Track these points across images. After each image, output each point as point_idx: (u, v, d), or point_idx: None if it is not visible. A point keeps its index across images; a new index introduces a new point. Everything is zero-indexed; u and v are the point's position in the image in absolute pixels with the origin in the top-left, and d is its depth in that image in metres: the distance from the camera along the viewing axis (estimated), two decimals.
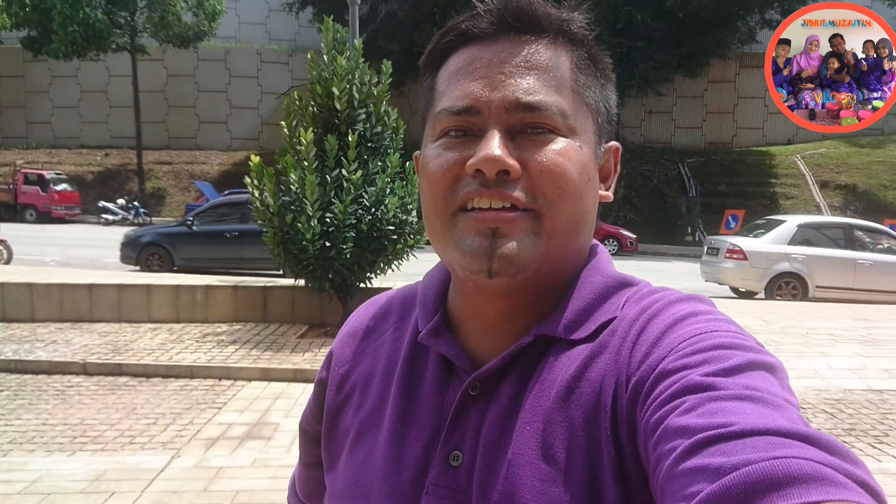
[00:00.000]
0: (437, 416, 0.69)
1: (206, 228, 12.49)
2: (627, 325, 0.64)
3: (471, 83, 0.66)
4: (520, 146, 0.64)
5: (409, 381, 0.73)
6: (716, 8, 26.01)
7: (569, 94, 0.67)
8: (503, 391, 0.66)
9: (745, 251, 11.54)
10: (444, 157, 0.67)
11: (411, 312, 0.78)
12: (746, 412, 0.47)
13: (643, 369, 0.58)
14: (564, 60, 0.68)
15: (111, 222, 24.18)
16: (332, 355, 0.82)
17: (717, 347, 0.55)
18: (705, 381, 0.51)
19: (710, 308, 0.65)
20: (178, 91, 32.33)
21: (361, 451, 0.72)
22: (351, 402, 0.77)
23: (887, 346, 7.33)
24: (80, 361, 6.17)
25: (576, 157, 0.65)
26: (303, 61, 31.15)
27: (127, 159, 30.36)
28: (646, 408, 0.55)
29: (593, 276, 0.70)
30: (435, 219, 0.68)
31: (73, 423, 4.89)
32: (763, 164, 30.05)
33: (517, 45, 0.66)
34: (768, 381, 0.53)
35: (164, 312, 7.87)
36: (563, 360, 0.65)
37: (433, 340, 0.72)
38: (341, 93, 6.96)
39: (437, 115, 0.68)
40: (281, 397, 5.56)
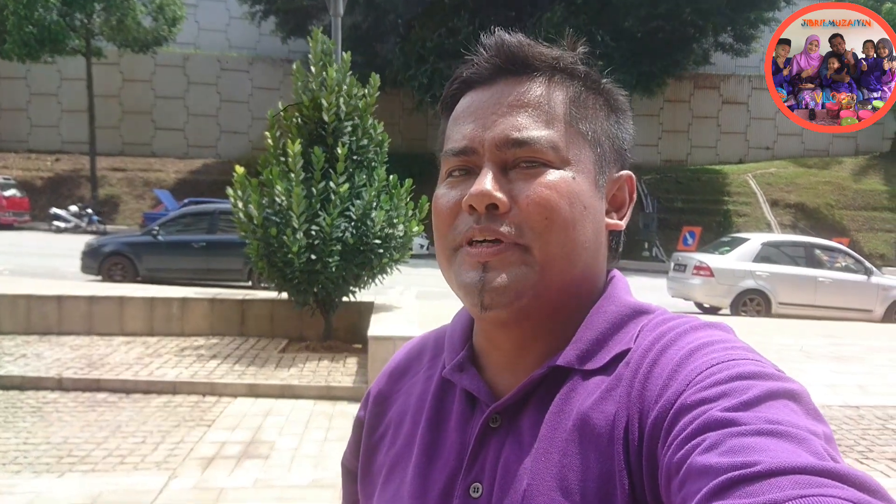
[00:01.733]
0: (460, 449, 0.69)
1: (173, 238, 12.18)
2: (640, 356, 0.64)
3: (468, 125, 0.70)
4: (512, 180, 0.67)
5: (436, 416, 0.74)
6: (672, 29, 26.74)
7: (561, 127, 0.69)
8: (521, 423, 0.67)
9: (711, 268, 11.81)
10: (448, 196, 0.70)
11: (443, 350, 0.80)
12: (770, 449, 0.46)
13: (662, 404, 0.58)
14: (558, 95, 0.70)
15: (63, 230, 23.41)
16: (370, 395, 0.85)
17: (735, 378, 0.55)
18: (726, 416, 0.51)
19: (727, 336, 0.64)
20: (133, 96, 31.58)
21: (392, 486, 0.74)
22: (385, 439, 0.79)
23: (857, 363, 7.58)
24: (56, 377, 5.92)
25: (565, 187, 0.67)
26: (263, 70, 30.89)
27: (79, 165, 29.47)
28: (667, 445, 0.54)
29: (607, 305, 0.71)
30: (442, 255, 0.71)
31: (56, 441, 4.68)
32: (717, 182, 30.90)
33: (511, 86, 0.70)
34: (790, 410, 0.52)
35: (137, 325, 7.63)
36: (580, 391, 0.65)
37: (457, 376, 0.73)
38: (330, 105, 6.89)
39: (443, 156, 0.72)
40: (271, 414, 5.44)
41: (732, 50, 29.20)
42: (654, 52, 27.56)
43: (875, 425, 5.60)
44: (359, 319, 7.67)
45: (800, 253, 12.42)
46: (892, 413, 5.90)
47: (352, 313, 7.79)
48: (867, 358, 7.87)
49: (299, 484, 4.11)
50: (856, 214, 29.49)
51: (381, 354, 5.90)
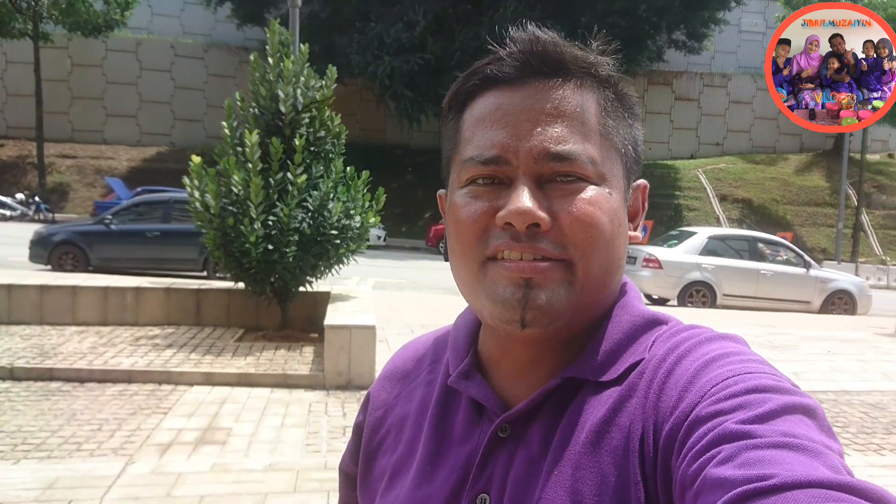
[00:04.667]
0: (466, 459, 0.68)
1: (126, 227, 12.02)
2: (655, 366, 0.64)
3: (498, 131, 0.65)
4: (549, 196, 0.64)
5: (440, 423, 0.73)
6: (628, 26, 27.20)
7: (597, 140, 0.66)
8: (532, 434, 0.66)
9: (660, 260, 12.20)
10: (474, 206, 0.66)
11: (444, 355, 0.79)
12: (786, 462, 0.46)
13: (676, 416, 0.57)
14: (591, 104, 0.67)
15: (9, 218, 22.80)
16: (370, 399, 0.84)
17: (751, 391, 0.54)
18: (741, 428, 0.50)
19: (742, 348, 0.63)
20: (83, 81, 30.82)
21: (393, 492, 0.73)
22: (385, 445, 0.78)
23: (792, 351, 7.99)
24: (7, 366, 5.88)
25: (606, 205, 0.65)
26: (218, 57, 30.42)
27: (25, 151, 28.68)
28: (682, 457, 0.53)
29: (622, 315, 0.70)
30: (463, 267, 0.68)
31: (9, 430, 4.68)
32: (668, 178, 31.65)
33: (543, 90, 0.66)
34: (805, 425, 0.51)
35: (90, 315, 7.58)
36: (593, 403, 0.64)
37: (463, 383, 0.72)
38: (287, 96, 6.95)
39: (464, 162, 0.67)
40: (227, 401, 5.51)
41: (685, 47, 29.89)
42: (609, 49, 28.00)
43: None
44: (315, 309, 7.76)
45: (744, 246, 12.92)
46: (820, 398, 6.26)
47: (308, 303, 7.87)
48: (801, 346, 8.29)
49: (256, 468, 4.22)
50: (800, 210, 30.56)
51: (337, 343, 6.01)
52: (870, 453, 4.95)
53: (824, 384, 6.72)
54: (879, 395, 6.51)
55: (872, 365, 7.58)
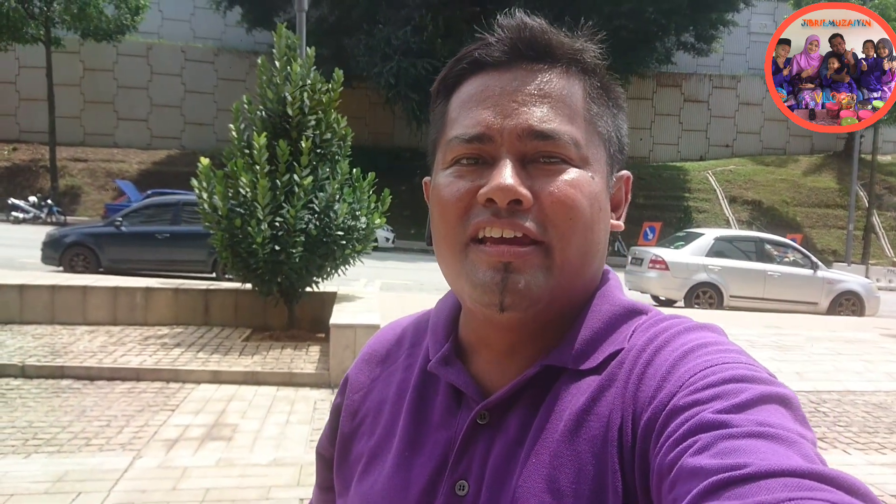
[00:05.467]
0: (445, 445, 0.68)
1: (136, 229, 12.15)
2: (634, 356, 0.64)
3: (483, 111, 0.66)
4: (532, 175, 0.64)
5: (418, 408, 0.73)
6: (635, 28, 27.22)
7: (581, 124, 0.67)
8: (511, 421, 0.66)
9: (666, 262, 12.21)
10: (456, 185, 0.66)
11: (423, 339, 0.78)
12: (761, 451, 0.47)
13: (654, 405, 0.57)
14: (577, 89, 0.68)
15: (21, 220, 23.05)
16: (348, 381, 0.83)
17: (728, 381, 0.54)
18: (718, 418, 0.51)
19: (720, 338, 0.64)
20: (95, 86, 31.14)
21: (370, 477, 0.72)
22: (363, 428, 0.77)
23: (797, 352, 7.99)
24: (19, 364, 5.99)
25: (587, 188, 0.65)
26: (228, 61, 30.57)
27: (38, 155, 28.99)
28: (659, 446, 0.54)
29: (602, 304, 0.70)
30: (446, 249, 0.68)
31: (21, 425, 4.78)
32: (678, 179, 31.60)
33: (530, 73, 0.66)
34: (781, 414, 0.52)
35: (100, 315, 7.69)
36: (572, 391, 0.64)
37: (442, 369, 0.71)
38: (294, 99, 7.04)
39: (448, 142, 0.68)
40: (234, 399, 5.59)
41: (694, 49, 29.84)
42: (617, 50, 28.04)
43: (807, 408, 5.96)
44: (322, 309, 7.84)
45: (751, 248, 12.91)
46: (824, 397, 6.28)
47: (315, 303, 7.95)
48: (806, 347, 8.29)
49: (260, 463, 4.29)
50: (810, 211, 30.44)
51: (342, 342, 6.09)
52: (871, 452, 4.98)
53: (828, 384, 6.73)
54: (884, 395, 6.52)
55: (877, 365, 7.57)
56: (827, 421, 5.64)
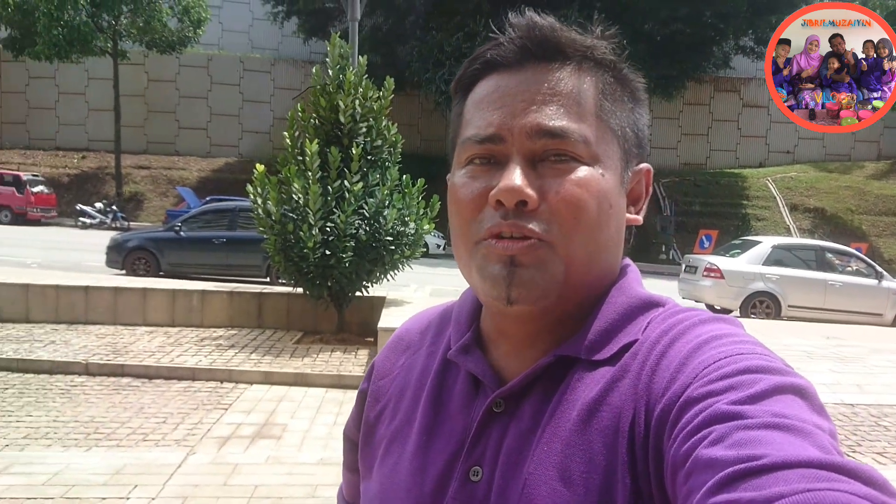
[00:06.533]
0: (461, 431, 0.70)
1: (194, 234, 12.53)
2: (648, 348, 0.64)
3: (494, 111, 0.67)
4: (542, 175, 0.65)
5: (438, 395, 0.74)
6: (692, 32, 26.72)
7: (592, 121, 0.67)
8: (525, 410, 0.67)
9: (721, 270, 11.94)
10: (470, 186, 0.68)
11: (447, 328, 0.80)
12: (776, 442, 0.46)
13: (668, 397, 0.57)
14: (589, 87, 0.68)
15: (88, 225, 23.99)
16: (374, 367, 0.86)
17: (742, 372, 0.54)
18: (732, 409, 0.51)
19: (736, 329, 0.64)
20: (158, 96, 32.19)
21: (390, 461, 0.74)
22: (385, 413, 0.79)
23: (857, 364, 7.71)
24: (83, 362, 6.26)
25: (595, 186, 0.66)
26: (284, 70, 31.09)
27: (104, 163, 30.12)
28: (673, 438, 0.54)
29: (618, 296, 0.70)
30: (461, 246, 0.70)
31: (83, 420, 5.00)
32: (735, 186, 30.83)
33: (541, 73, 0.67)
34: (797, 405, 0.52)
35: (159, 316, 7.97)
36: (586, 382, 0.65)
37: (462, 357, 0.73)
38: (346, 107, 7.18)
39: (463, 142, 0.70)
40: (284, 400, 5.72)
41: (753, 53, 29.11)
42: (674, 55, 27.57)
43: (868, 422, 5.75)
44: (371, 313, 7.94)
45: (811, 256, 12.51)
46: (885, 411, 6.05)
47: (364, 308, 8.06)
48: (867, 359, 7.99)
49: (308, 461, 4.39)
50: (876, 220, 29.26)
51: None
52: None
53: (891, 397, 6.47)
54: None
55: None
56: (888, 435, 5.43)
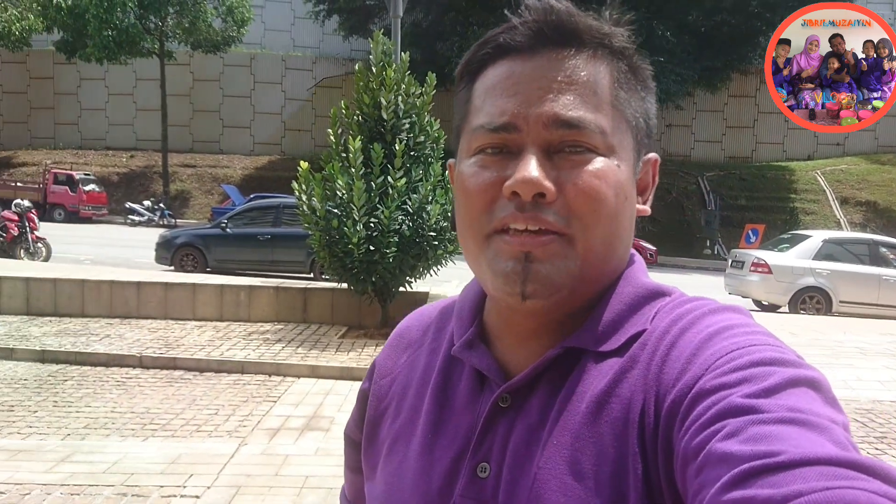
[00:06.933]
0: (468, 428, 0.68)
1: (240, 231, 12.77)
2: (657, 338, 0.63)
3: (508, 99, 0.64)
4: (557, 166, 0.63)
5: (442, 392, 0.73)
6: (738, 23, 26.15)
7: (608, 111, 0.65)
8: (532, 404, 0.65)
9: (770, 265, 11.69)
10: (482, 176, 0.65)
11: (449, 324, 0.78)
12: (793, 438, 0.45)
13: (679, 388, 0.56)
14: (604, 75, 0.66)
15: (137, 223, 24.63)
16: (376, 366, 0.84)
17: (755, 364, 0.53)
18: (746, 402, 0.49)
19: (747, 319, 0.63)
20: (203, 95, 32.86)
21: (395, 460, 0.73)
22: (389, 412, 0.78)
23: None
24: (137, 355, 6.45)
25: (613, 177, 0.64)
26: (326, 68, 31.39)
27: (152, 161, 30.87)
28: (685, 430, 0.53)
29: (624, 286, 0.69)
30: (470, 238, 0.68)
31: (139, 411, 5.16)
32: (783, 179, 30.11)
33: (556, 59, 0.65)
34: (811, 398, 0.51)
35: (208, 311, 8.15)
36: (594, 373, 0.64)
37: (466, 353, 0.71)
38: (388, 103, 7.23)
39: (473, 130, 0.67)
40: (331, 393, 5.81)
41: None
42: (719, 47, 27.03)
43: None
44: (414, 309, 7.95)
45: (863, 251, 12.16)
46: None
47: (408, 302, 8.11)
48: None
49: None
50: None
51: None
52: None
53: None
54: None
55: None
56: None
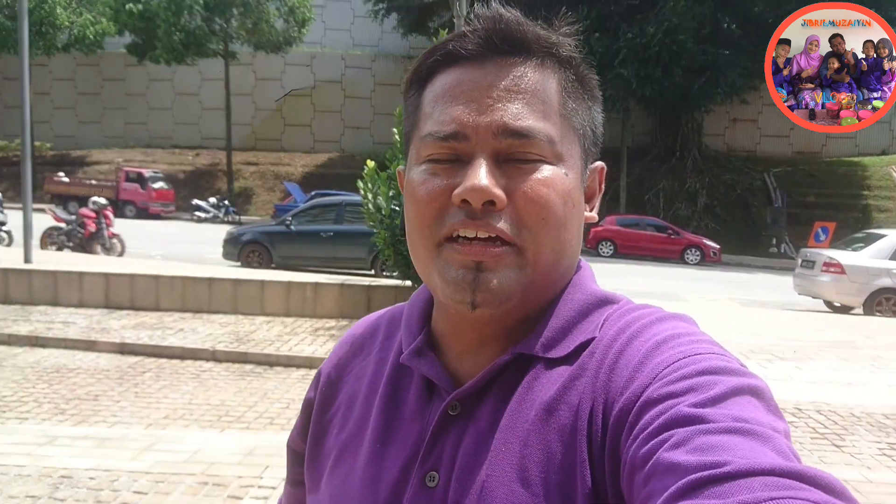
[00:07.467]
0: (417, 437, 0.68)
1: (303, 228, 13.01)
2: (606, 346, 0.64)
3: (457, 107, 0.65)
4: (507, 174, 0.64)
5: (391, 401, 0.72)
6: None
7: (556, 120, 0.66)
8: (482, 411, 0.65)
9: (843, 265, 11.29)
10: (431, 183, 0.65)
11: (397, 332, 0.78)
12: (738, 448, 0.47)
13: (627, 397, 0.57)
14: (552, 84, 0.67)
15: (203, 219, 25.38)
16: (321, 375, 0.83)
17: (701, 373, 0.55)
18: (693, 412, 0.50)
19: (692, 328, 0.64)
20: (265, 94, 33.63)
21: (341, 471, 0.72)
22: (335, 422, 0.77)
23: None
24: (210, 349, 6.66)
25: (561, 185, 0.65)
26: (385, 66, 31.78)
27: (216, 159, 31.78)
28: (632, 438, 0.53)
29: (574, 293, 0.70)
30: (420, 246, 0.68)
31: (214, 403, 5.33)
32: (855, 175, 28.97)
33: (504, 67, 0.65)
34: (754, 406, 0.52)
35: (276, 307, 8.35)
36: (543, 381, 0.64)
37: (415, 361, 0.71)
38: None
39: (423, 138, 0.67)
40: None
41: None
42: None
43: None
44: None
45: None
46: None
47: None
48: None
49: None
50: None
51: None
52: None
53: None
54: None
55: None
56: None
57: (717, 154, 29.55)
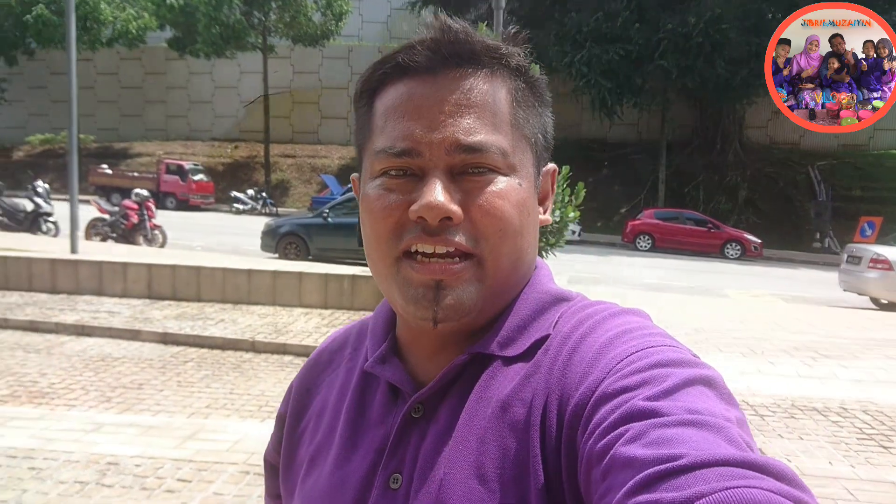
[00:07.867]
0: (381, 441, 0.69)
1: (340, 220, 13.11)
2: (560, 342, 0.65)
3: (409, 122, 0.65)
4: (461, 188, 0.65)
5: (357, 408, 0.73)
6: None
7: (508, 131, 0.67)
8: (442, 412, 0.66)
9: (891, 261, 10.98)
10: (387, 199, 0.66)
11: (365, 343, 0.79)
12: (692, 440, 0.47)
13: (582, 391, 0.58)
14: (503, 95, 0.67)
15: (241, 211, 25.73)
16: (292, 389, 0.84)
17: (654, 366, 0.56)
18: (648, 406, 0.51)
19: (646, 322, 0.65)
20: (302, 87, 33.89)
21: (311, 479, 0.73)
22: (306, 433, 0.78)
23: None
24: (250, 339, 6.76)
25: (515, 196, 0.66)
26: None
27: (254, 152, 32.15)
28: (588, 433, 0.54)
29: (530, 293, 0.71)
30: (378, 260, 0.69)
31: (255, 393, 5.41)
32: None
33: (454, 80, 0.66)
34: (707, 397, 0.53)
35: (313, 298, 8.43)
36: (500, 378, 0.65)
37: (379, 368, 0.72)
38: None
39: (376, 153, 0.68)
40: None
41: None
42: None
43: None
44: None
45: None
46: None
47: None
48: None
49: None
50: None
51: None
52: None
53: None
54: None
55: None
56: None
57: (759, 147, 28.90)
